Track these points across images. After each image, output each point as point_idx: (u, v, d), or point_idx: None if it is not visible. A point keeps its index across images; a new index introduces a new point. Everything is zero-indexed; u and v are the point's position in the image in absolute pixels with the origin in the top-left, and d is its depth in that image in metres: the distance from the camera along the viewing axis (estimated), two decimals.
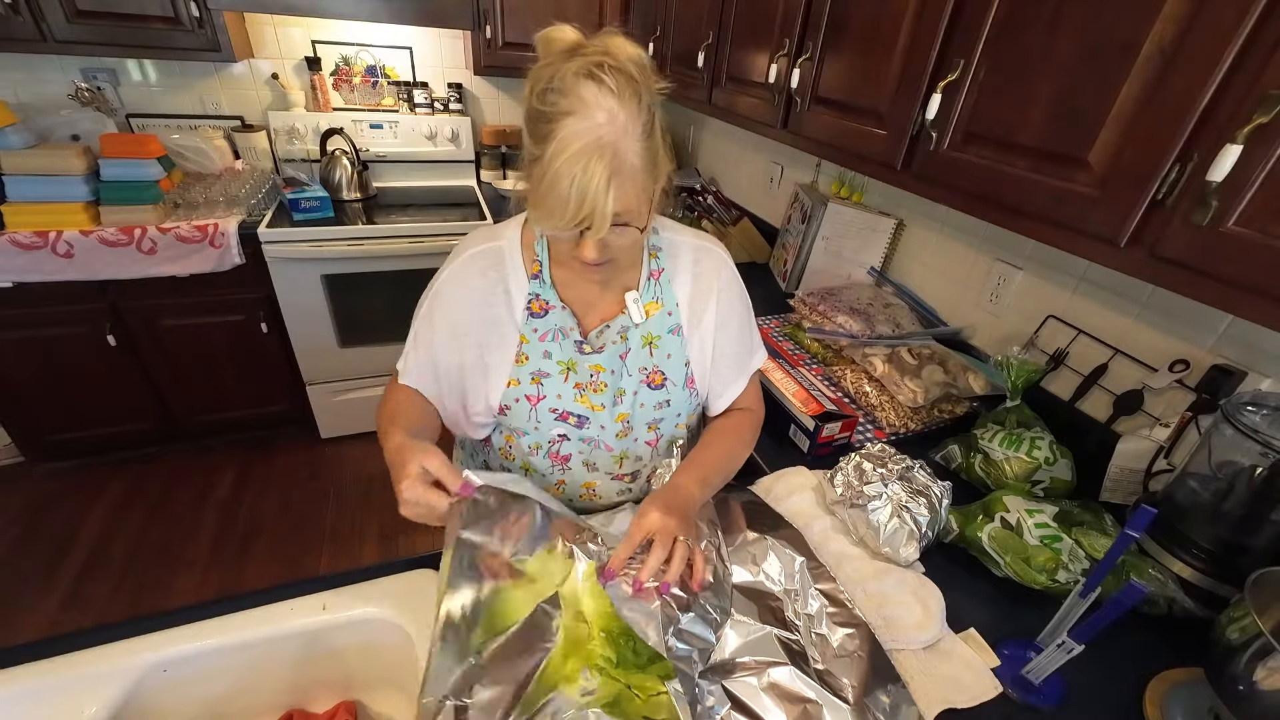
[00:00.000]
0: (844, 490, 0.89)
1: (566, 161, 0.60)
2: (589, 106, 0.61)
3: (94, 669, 0.64)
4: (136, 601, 1.83)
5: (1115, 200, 0.72)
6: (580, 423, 0.85)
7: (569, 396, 0.84)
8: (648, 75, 0.66)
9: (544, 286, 0.82)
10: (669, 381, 0.87)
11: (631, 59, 0.64)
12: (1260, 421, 0.79)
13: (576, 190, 0.61)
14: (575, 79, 0.61)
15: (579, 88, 0.61)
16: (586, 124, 0.60)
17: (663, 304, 0.86)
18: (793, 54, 1.30)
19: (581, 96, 0.61)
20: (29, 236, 1.74)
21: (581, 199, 0.61)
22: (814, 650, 0.71)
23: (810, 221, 1.67)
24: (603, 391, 0.84)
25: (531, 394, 0.83)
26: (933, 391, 1.15)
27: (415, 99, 2.48)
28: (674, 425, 0.90)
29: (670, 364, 0.87)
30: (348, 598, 0.73)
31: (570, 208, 0.62)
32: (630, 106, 0.62)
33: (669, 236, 0.88)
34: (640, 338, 0.85)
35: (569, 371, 0.83)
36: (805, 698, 0.65)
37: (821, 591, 0.77)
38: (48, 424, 2.13)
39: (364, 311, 2.24)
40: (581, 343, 0.83)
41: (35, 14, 1.74)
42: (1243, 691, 0.59)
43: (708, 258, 0.89)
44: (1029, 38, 0.81)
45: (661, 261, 0.86)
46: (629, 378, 0.85)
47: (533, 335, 0.82)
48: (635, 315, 0.83)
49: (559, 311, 0.82)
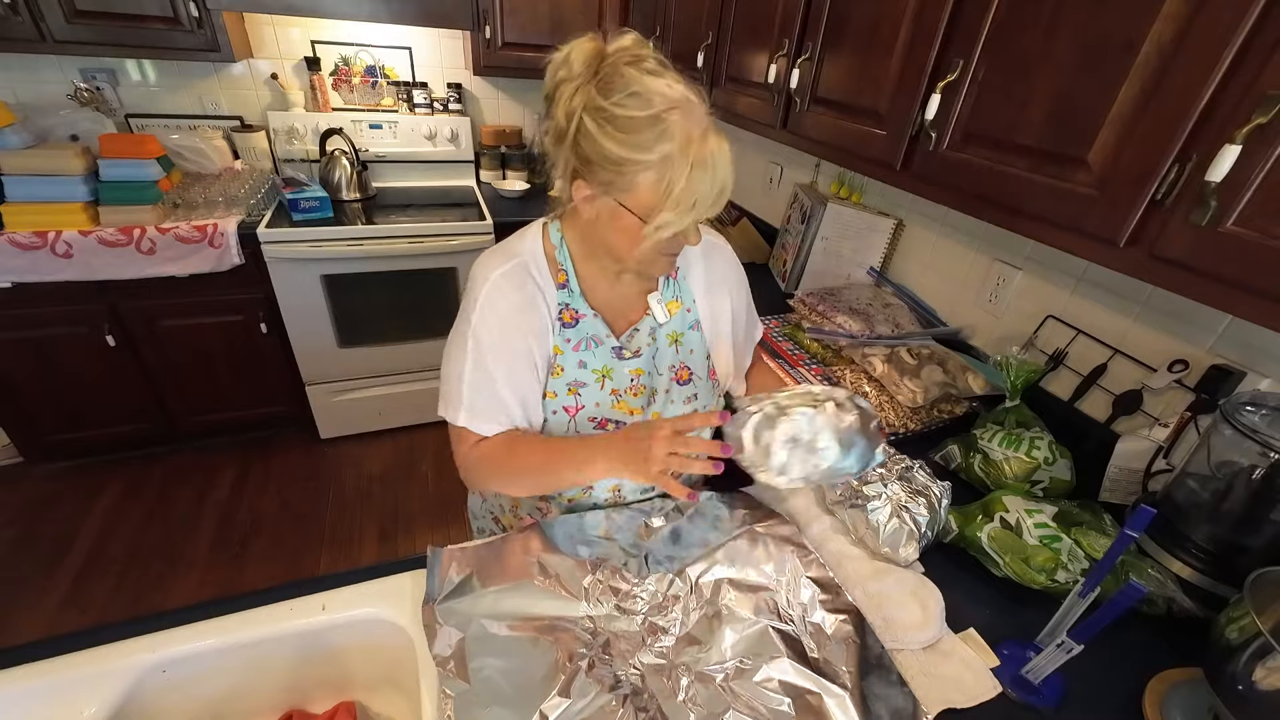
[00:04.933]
0: (843, 490, 0.89)
1: (699, 149, 0.64)
2: (678, 97, 0.65)
3: (93, 669, 0.64)
4: (136, 601, 1.82)
5: (1114, 200, 0.72)
6: (619, 428, 0.84)
7: (606, 404, 0.84)
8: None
9: (572, 295, 0.82)
10: (695, 376, 0.90)
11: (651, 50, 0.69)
12: (1259, 421, 0.79)
13: (719, 171, 0.65)
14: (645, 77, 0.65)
15: (656, 85, 0.65)
16: (691, 111, 0.65)
17: (682, 301, 0.88)
18: (792, 54, 1.30)
19: (664, 93, 0.65)
20: (28, 237, 1.74)
21: (725, 179, 0.66)
22: (809, 640, 0.71)
23: (810, 222, 1.67)
24: (641, 395, 0.86)
25: (570, 405, 0.83)
26: (932, 391, 1.15)
27: (415, 99, 2.48)
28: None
29: (694, 359, 0.90)
30: (347, 598, 0.73)
31: (714, 190, 0.66)
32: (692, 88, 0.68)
33: None
34: (666, 336, 0.87)
35: (605, 379, 0.84)
36: (805, 689, 0.65)
37: (813, 579, 0.78)
38: (47, 424, 2.12)
39: (363, 312, 2.23)
40: (620, 348, 0.84)
41: (34, 14, 1.74)
42: (1242, 691, 0.59)
43: (717, 254, 0.93)
44: (1028, 38, 0.81)
45: (677, 260, 0.85)
46: (660, 377, 0.87)
47: (566, 346, 0.82)
48: (660, 315, 0.86)
49: (590, 319, 0.82)
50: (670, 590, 0.76)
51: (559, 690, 0.64)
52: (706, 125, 0.66)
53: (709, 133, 0.65)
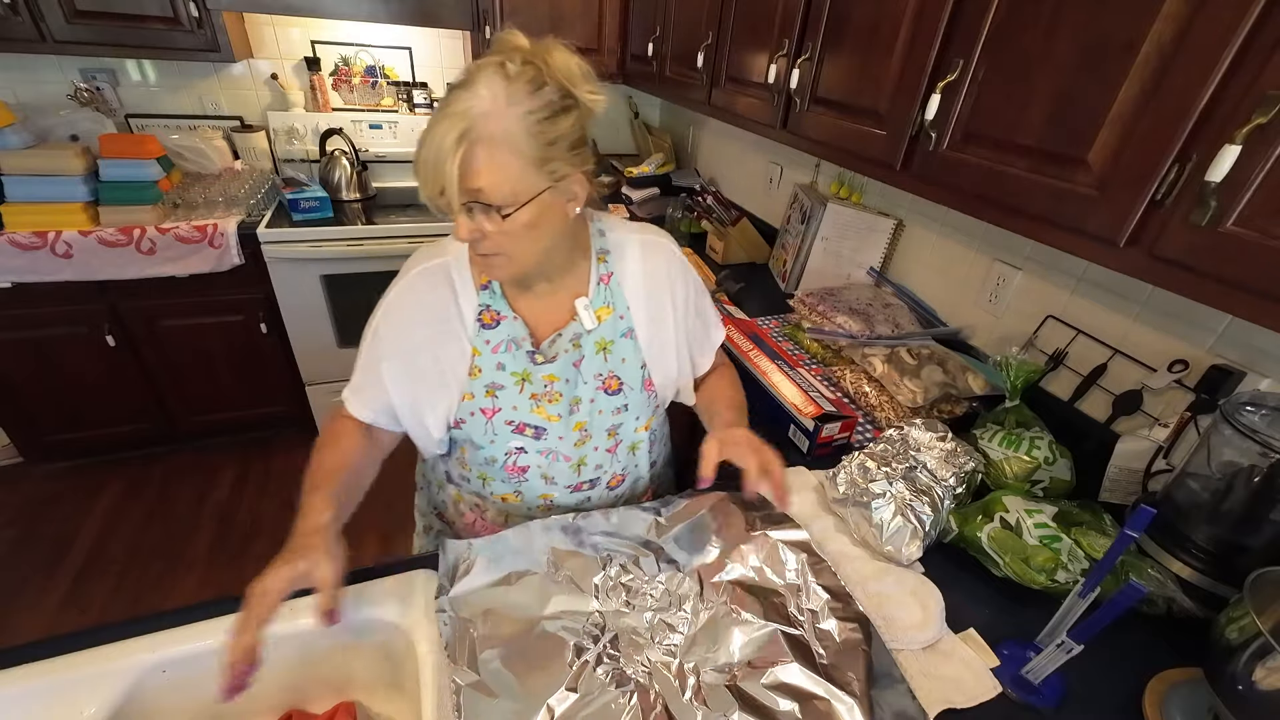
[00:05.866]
0: (847, 488, 0.89)
1: (430, 123, 0.63)
2: (476, 85, 0.63)
3: (93, 669, 0.64)
4: (136, 601, 1.82)
5: (1114, 200, 0.72)
6: (537, 434, 0.84)
7: (525, 408, 0.83)
8: (575, 77, 0.67)
9: (494, 297, 0.81)
10: (625, 386, 0.86)
11: (558, 63, 0.66)
12: (1259, 422, 0.79)
13: (432, 151, 0.62)
14: (479, 68, 0.64)
15: (480, 72, 0.64)
16: (464, 94, 0.63)
17: (614, 308, 0.84)
18: (792, 54, 1.30)
19: (475, 78, 0.63)
20: (28, 237, 1.74)
21: (431, 160, 0.62)
22: (818, 645, 0.71)
23: (810, 222, 1.67)
24: (558, 401, 0.84)
25: (487, 406, 0.82)
26: (932, 392, 1.15)
27: (415, 99, 2.48)
28: (633, 430, 0.90)
29: (626, 368, 0.86)
30: (348, 598, 0.73)
31: (428, 169, 0.63)
32: (520, 89, 0.63)
33: (616, 237, 0.86)
34: (594, 344, 0.84)
35: (524, 382, 0.82)
36: (813, 694, 0.65)
37: (824, 586, 0.77)
38: (47, 424, 2.12)
39: (363, 312, 2.17)
40: (534, 353, 0.82)
41: (34, 14, 1.74)
42: (1242, 691, 0.59)
43: (656, 253, 0.87)
44: (1028, 38, 0.81)
45: (610, 265, 0.84)
46: (584, 385, 0.84)
47: (485, 347, 0.81)
48: (587, 321, 0.82)
49: (510, 322, 0.81)
50: (680, 589, 0.76)
51: (566, 684, 0.64)
52: (464, 114, 0.61)
53: (454, 117, 0.62)
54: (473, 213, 0.67)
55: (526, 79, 0.64)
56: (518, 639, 0.68)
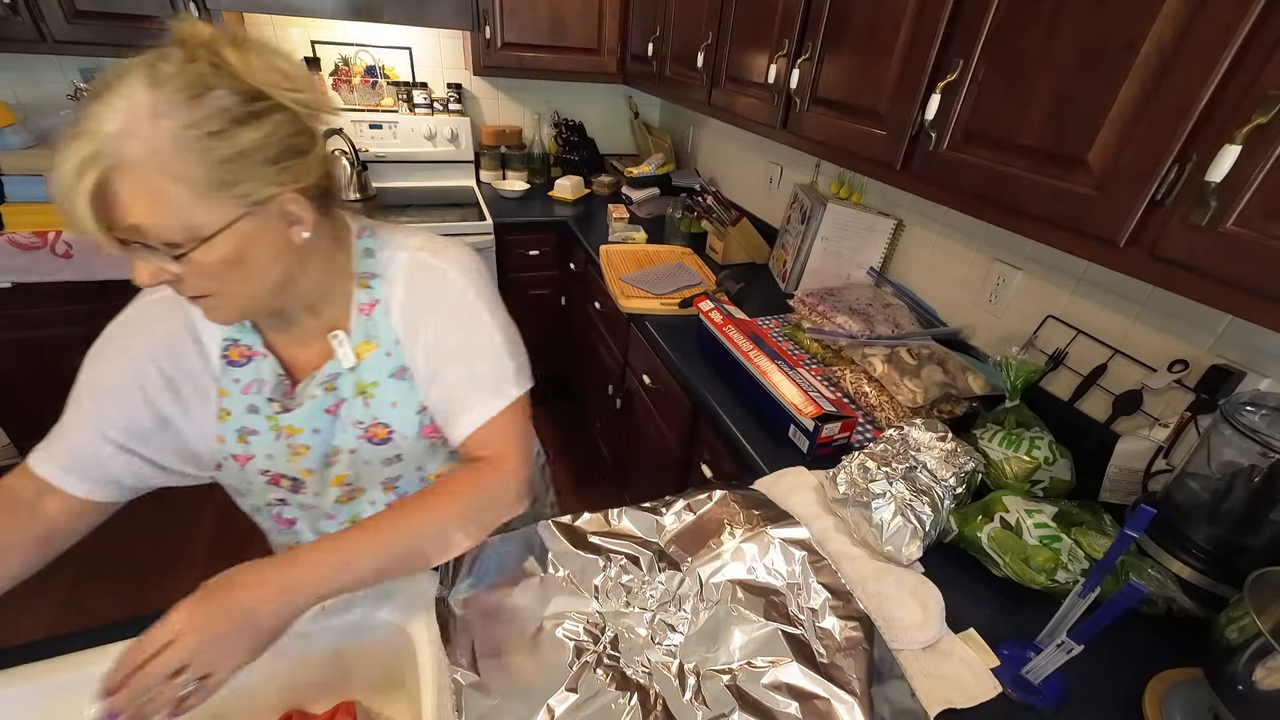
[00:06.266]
0: (847, 488, 0.89)
1: (56, 147, 0.49)
2: (111, 95, 0.49)
3: (94, 669, 0.64)
4: (136, 601, 1.83)
5: (1114, 200, 0.73)
6: (295, 486, 0.74)
7: (281, 456, 0.72)
8: (266, 73, 0.54)
9: (244, 330, 0.69)
10: (395, 434, 0.73)
11: (237, 58, 0.53)
12: (1259, 422, 0.79)
13: (55, 184, 0.48)
14: (122, 71, 0.51)
15: (119, 79, 0.50)
16: (95, 108, 0.49)
17: (379, 343, 0.71)
18: (792, 54, 1.30)
19: (112, 86, 0.50)
20: (28, 237, 1.74)
21: (57, 196, 0.49)
22: (818, 644, 0.71)
23: (810, 222, 1.67)
24: (304, 455, 0.72)
25: (239, 453, 0.71)
26: (932, 392, 1.15)
27: (415, 99, 2.48)
28: (417, 481, 0.80)
29: (396, 413, 0.73)
30: (347, 598, 0.73)
31: (59, 207, 0.49)
32: (170, 97, 0.50)
33: (388, 255, 0.71)
34: (353, 386, 0.71)
35: (278, 431, 0.71)
36: (813, 693, 0.65)
37: (824, 585, 0.78)
38: (47, 424, 2.11)
39: None
40: (273, 401, 0.70)
41: (34, 14, 1.74)
42: (1242, 691, 0.59)
43: (423, 276, 0.71)
44: (1028, 38, 0.81)
45: (377, 291, 0.70)
46: (344, 434, 0.72)
47: (233, 387, 0.70)
48: (345, 360, 0.69)
49: (261, 360, 0.70)
50: (680, 589, 0.76)
51: (567, 685, 0.64)
52: (91, 134, 0.48)
53: (80, 138, 0.48)
54: (142, 252, 0.53)
55: (181, 84, 0.50)
56: (518, 639, 0.69)
